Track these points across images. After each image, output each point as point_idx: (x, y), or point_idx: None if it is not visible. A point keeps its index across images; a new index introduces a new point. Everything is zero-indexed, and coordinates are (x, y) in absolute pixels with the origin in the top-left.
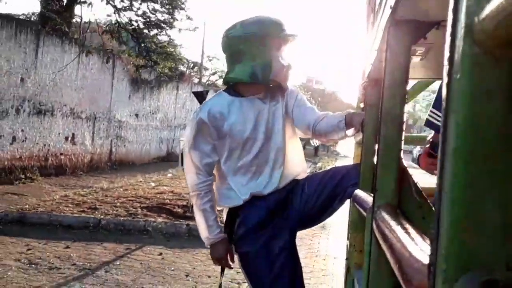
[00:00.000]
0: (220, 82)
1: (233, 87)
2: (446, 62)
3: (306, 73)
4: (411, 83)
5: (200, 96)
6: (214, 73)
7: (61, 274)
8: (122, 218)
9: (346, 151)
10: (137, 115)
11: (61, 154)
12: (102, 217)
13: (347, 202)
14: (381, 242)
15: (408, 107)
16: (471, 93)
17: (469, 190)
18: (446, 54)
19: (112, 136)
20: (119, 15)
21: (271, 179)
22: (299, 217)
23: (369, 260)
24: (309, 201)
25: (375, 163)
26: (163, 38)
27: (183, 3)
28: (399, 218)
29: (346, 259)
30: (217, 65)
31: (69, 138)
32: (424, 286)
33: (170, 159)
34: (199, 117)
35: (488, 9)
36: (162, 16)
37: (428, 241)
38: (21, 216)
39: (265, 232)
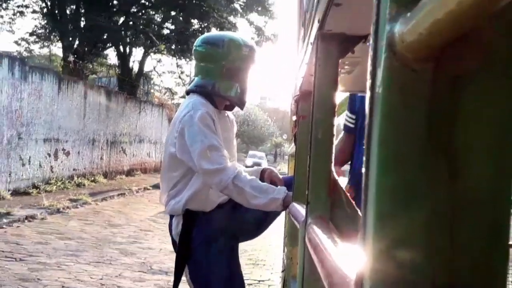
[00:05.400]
0: None
1: (210, 96)
2: (369, 76)
3: (260, 92)
4: (342, 96)
5: None
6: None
7: None
8: None
9: None
10: None
11: (145, 162)
12: None
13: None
14: (313, 255)
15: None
16: (392, 107)
17: (394, 204)
18: (369, 67)
19: (162, 152)
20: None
21: None
22: (244, 227)
23: (302, 272)
24: (251, 211)
25: (308, 175)
26: None
27: None
28: (330, 231)
29: (283, 271)
30: None
31: (148, 154)
32: None
33: None
34: (203, 112)
35: (408, 23)
36: None
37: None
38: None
39: (220, 241)
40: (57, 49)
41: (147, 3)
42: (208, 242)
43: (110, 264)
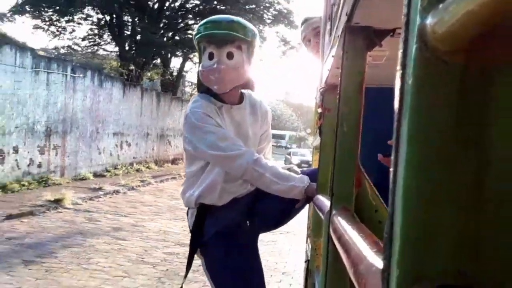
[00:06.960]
0: None
1: (211, 92)
2: (399, 67)
3: (285, 88)
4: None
5: None
6: None
7: None
8: None
9: None
10: None
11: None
12: None
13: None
14: (337, 246)
15: None
16: (422, 99)
17: (422, 196)
18: (399, 59)
19: None
20: None
21: (246, 183)
22: (264, 219)
23: (326, 263)
24: (272, 204)
25: (333, 167)
26: None
27: None
28: (355, 222)
29: (306, 261)
30: None
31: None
32: None
33: None
34: (198, 112)
35: (440, 14)
36: None
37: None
38: None
39: (234, 234)
40: (102, 51)
41: (190, 16)
42: (219, 236)
43: (184, 220)
